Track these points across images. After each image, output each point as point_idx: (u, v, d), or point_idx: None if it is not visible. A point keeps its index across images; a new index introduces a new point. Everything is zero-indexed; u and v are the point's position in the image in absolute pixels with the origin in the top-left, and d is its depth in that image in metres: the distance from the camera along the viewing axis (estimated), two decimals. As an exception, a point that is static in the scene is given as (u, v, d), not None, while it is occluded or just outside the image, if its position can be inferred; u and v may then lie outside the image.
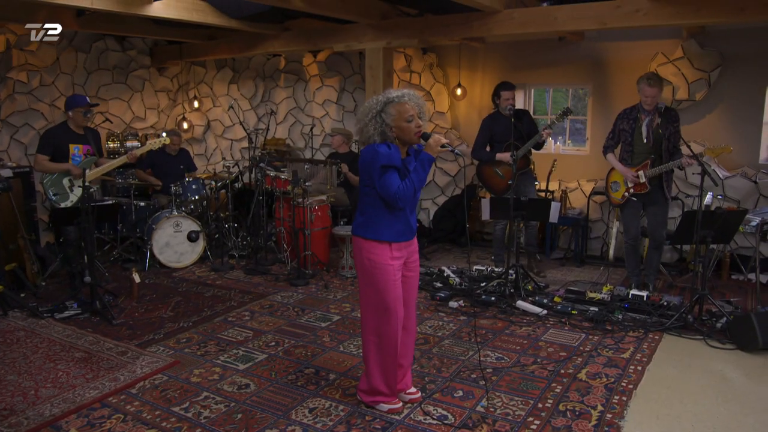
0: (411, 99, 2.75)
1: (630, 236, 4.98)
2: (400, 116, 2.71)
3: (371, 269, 2.82)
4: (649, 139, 4.73)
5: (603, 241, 6.52)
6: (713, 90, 5.92)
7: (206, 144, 8.93)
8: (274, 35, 6.70)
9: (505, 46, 7.12)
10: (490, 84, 7.24)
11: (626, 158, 4.88)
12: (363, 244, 2.84)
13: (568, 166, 6.83)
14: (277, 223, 6.17)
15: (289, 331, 4.28)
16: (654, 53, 6.10)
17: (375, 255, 2.81)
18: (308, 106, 8.20)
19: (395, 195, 2.69)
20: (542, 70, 6.88)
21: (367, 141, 2.79)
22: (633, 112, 4.83)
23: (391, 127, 2.72)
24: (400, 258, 2.88)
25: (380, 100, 2.74)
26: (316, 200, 5.86)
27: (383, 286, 2.82)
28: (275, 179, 5.91)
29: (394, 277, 2.83)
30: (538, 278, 5.46)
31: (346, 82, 7.91)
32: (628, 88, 6.12)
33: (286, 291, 5.25)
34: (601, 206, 6.50)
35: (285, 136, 8.37)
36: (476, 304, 4.72)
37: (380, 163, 2.69)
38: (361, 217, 2.87)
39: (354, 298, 5.04)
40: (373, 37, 5.91)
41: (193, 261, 6.09)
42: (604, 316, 4.34)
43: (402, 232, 2.85)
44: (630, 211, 4.94)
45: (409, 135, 2.75)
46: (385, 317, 2.86)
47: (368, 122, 2.73)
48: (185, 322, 4.45)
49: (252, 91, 8.50)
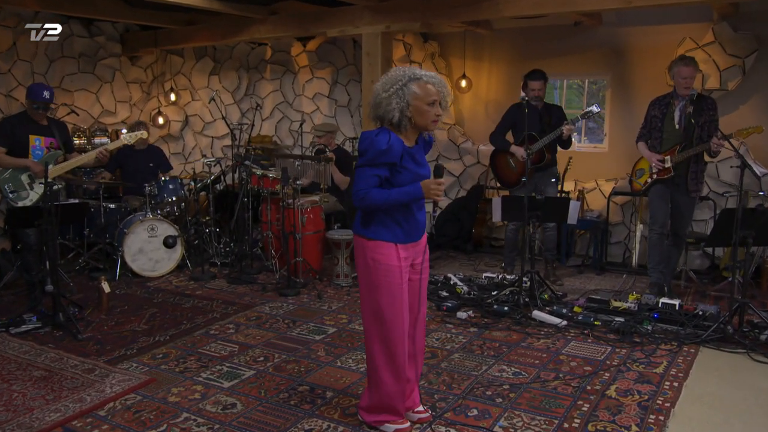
0: (437, 83, 2.72)
1: (657, 224, 5.04)
2: (422, 98, 2.68)
3: (375, 271, 2.78)
4: (681, 125, 4.83)
5: (625, 246, 6.49)
6: (748, 78, 5.89)
7: (184, 142, 8.90)
8: (260, 20, 6.66)
9: (514, 33, 7.11)
10: (498, 75, 7.30)
11: (655, 145, 5.01)
12: (366, 243, 2.80)
13: (584, 164, 6.81)
14: (263, 227, 6.16)
15: (279, 344, 4.23)
16: (681, 38, 6.08)
17: (380, 255, 2.77)
18: (297, 101, 8.20)
19: (358, 194, 2.68)
20: (555, 60, 6.86)
21: (383, 118, 2.73)
22: (666, 98, 4.97)
23: (409, 105, 2.68)
24: (407, 258, 2.84)
25: (406, 73, 2.70)
26: (308, 201, 5.83)
27: (387, 291, 2.78)
28: (262, 178, 5.91)
29: (401, 280, 2.79)
30: (554, 287, 5.43)
31: (339, 73, 7.90)
32: (652, 79, 6.09)
33: (274, 301, 5.20)
34: (622, 208, 6.47)
35: (272, 134, 8.37)
36: (487, 314, 4.71)
37: (367, 158, 2.68)
38: (362, 215, 2.83)
39: (351, 308, 5.01)
40: (370, 21, 5.88)
41: (170, 269, 6.05)
42: (631, 327, 4.33)
43: (407, 232, 2.82)
44: (656, 196, 5.04)
45: (425, 120, 2.72)
46: (388, 326, 2.81)
47: (391, 95, 2.67)
48: (161, 335, 4.39)
49: (235, 84, 8.47)
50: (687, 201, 4.95)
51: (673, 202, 4.99)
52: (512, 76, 7.15)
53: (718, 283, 5.51)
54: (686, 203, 4.96)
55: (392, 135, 2.70)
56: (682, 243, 5.08)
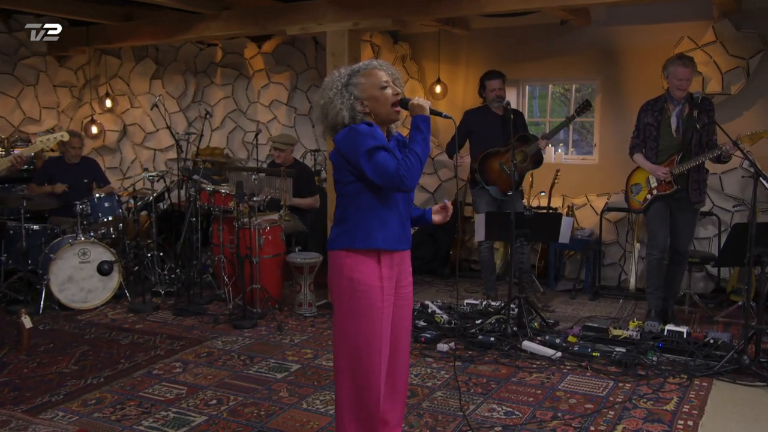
0: (382, 66, 2.79)
1: (657, 247, 5.04)
2: (372, 85, 2.74)
3: (352, 292, 2.72)
4: (679, 132, 4.86)
5: (620, 268, 6.50)
6: (752, 81, 5.97)
7: (122, 154, 8.79)
8: (210, 16, 6.56)
9: (493, 34, 7.16)
10: (475, 80, 7.26)
11: (650, 156, 5.02)
12: (345, 259, 2.74)
13: (572, 178, 6.84)
14: (215, 250, 6.09)
15: (234, 385, 4.15)
16: (678, 38, 6.16)
17: (359, 273, 2.71)
18: (252, 108, 8.16)
19: (397, 173, 2.61)
20: (539, 63, 6.92)
21: (334, 124, 2.76)
22: (658, 103, 4.98)
23: (362, 100, 2.72)
24: (390, 278, 2.79)
25: (344, 73, 2.78)
26: (266, 220, 5.77)
27: (366, 316, 2.72)
28: (213, 195, 5.83)
29: (381, 304, 2.73)
30: (545, 314, 5.43)
31: (299, 78, 7.88)
32: (646, 83, 6.17)
33: (228, 335, 5.13)
34: (617, 225, 6.49)
35: (223, 145, 8.31)
36: (472, 346, 4.71)
37: (366, 146, 2.63)
38: (342, 225, 2.78)
39: (316, 341, 4.96)
40: (336, 17, 5.82)
41: (106, 300, 5.93)
42: (634, 359, 4.32)
43: (398, 236, 2.78)
44: (656, 214, 5.03)
45: (385, 106, 2.74)
46: (364, 358, 2.74)
47: (333, 98, 2.74)
48: (94, 377, 4.25)
49: (181, 89, 8.40)
50: (689, 215, 4.98)
51: (673, 219, 5.01)
52: None
53: (725, 308, 5.53)
54: (688, 218, 4.98)
55: (370, 122, 2.73)
56: (684, 261, 5.10)
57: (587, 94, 7.31)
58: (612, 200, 6.39)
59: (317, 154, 7.60)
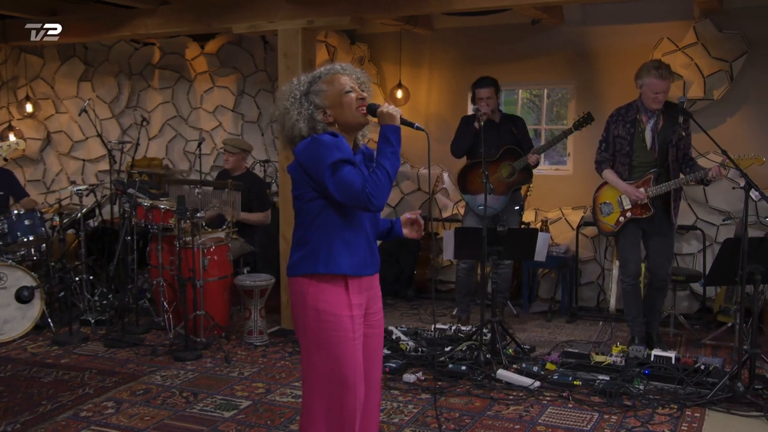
0: (345, 70, 2.79)
1: (629, 274, 5.07)
2: (336, 90, 2.72)
3: (319, 324, 2.69)
4: (654, 147, 4.84)
5: (598, 287, 6.55)
6: (736, 85, 6.06)
7: (45, 165, 8.71)
8: (147, 11, 6.46)
9: (459, 34, 7.19)
10: (440, 84, 7.46)
11: (622, 173, 4.98)
12: (307, 287, 2.70)
13: (545, 189, 6.86)
14: (153, 272, 5.98)
15: (176, 426, 4.07)
16: (657, 39, 6.24)
17: (325, 303, 2.68)
18: (194, 115, 8.14)
19: (363, 191, 2.56)
20: (509, 65, 6.94)
21: (291, 136, 2.74)
22: (630, 113, 4.92)
23: (324, 109, 2.71)
24: (360, 306, 2.76)
25: (303, 80, 2.77)
26: (211, 239, 5.72)
27: (337, 349, 2.68)
28: (151, 211, 5.74)
29: (353, 335, 2.70)
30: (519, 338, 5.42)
31: (246, 82, 7.89)
32: (623, 87, 6.23)
33: (168, 368, 5.04)
34: (594, 241, 6.55)
35: (161, 156, 8.27)
36: (442, 376, 4.71)
37: (330, 159, 2.57)
38: (302, 248, 2.74)
39: (268, 373, 4.91)
40: (289, 14, 5.77)
41: (25, 331, 5.81)
42: (620, 388, 4.32)
43: (364, 261, 2.76)
44: (628, 240, 5.03)
45: (350, 112, 2.71)
46: (339, 395, 2.69)
47: (289, 107, 2.72)
48: (9, 423, 4.09)
49: (113, 93, 8.32)
50: (668, 236, 4.94)
51: (653, 242, 4.97)
52: (458, 85, 7.22)
53: (712, 329, 5.59)
54: (668, 239, 4.94)
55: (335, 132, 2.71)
56: (665, 286, 5.07)
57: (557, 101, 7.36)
58: (588, 214, 6.41)
59: (267, 165, 7.58)
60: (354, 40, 7.48)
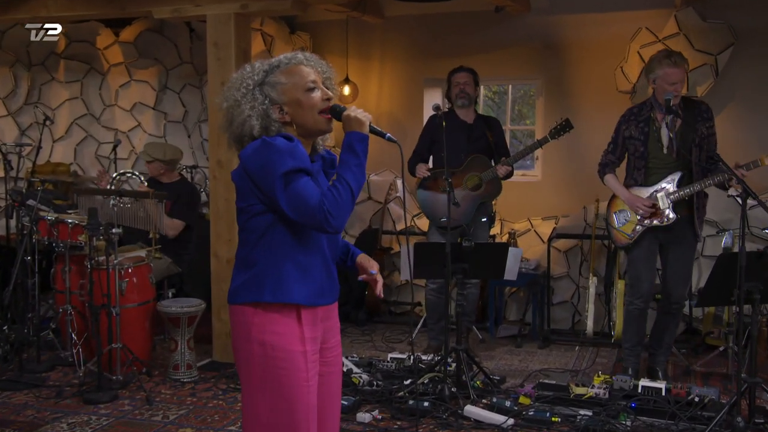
0: (309, 60, 2.69)
1: (639, 294, 5.01)
2: (296, 85, 2.62)
3: (266, 360, 2.58)
4: (671, 148, 4.82)
5: (573, 307, 6.59)
6: (722, 80, 6.15)
7: None
8: None
9: (412, 23, 7.30)
10: (392, 79, 7.59)
11: (637, 178, 4.95)
12: (252, 317, 2.57)
13: (511, 198, 6.79)
14: (59, 298, 5.85)
15: None
16: (635, 30, 6.32)
17: (273, 335, 2.57)
18: (107, 113, 8.12)
19: (320, 209, 2.47)
20: (469, 58, 6.79)
21: (240, 135, 2.61)
22: (643, 112, 4.91)
23: (281, 105, 2.60)
24: (314, 340, 2.65)
25: (258, 68, 2.67)
26: (129, 258, 5.61)
27: (287, 392, 2.57)
28: (56, 225, 5.59)
29: (306, 374, 2.59)
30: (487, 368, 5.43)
31: (170, 75, 7.88)
32: (596, 83, 6.33)
33: (77, 414, 4.86)
34: (567, 255, 6.59)
35: (69, 160, 8.15)
36: (401, 413, 4.65)
37: (283, 168, 2.47)
38: (246, 270, 2.62)
39: (199, 416, 4.77)
40: None
41: None
42: (604, 424, 4.28)
43: (321, 288, 2.65)
44: (643, 253, 4.97)
45: (311, 115, 2.62)
46: None
47: (240, 99, 2.59)
48: None
49: (9, 87, 8.17)
50: (689, 250, 4.90)
51: (667, 255, 4.95)
52: (412, 80, 7.31)
53: (701, 354, 5.64)
54: (687, 253, 4.90)
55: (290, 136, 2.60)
56: (679, 311, 5.03)
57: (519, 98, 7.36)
58: (561, 225, 6.45)
59: (195, 172, 7.51)
60: (294, 29, 7.53)
